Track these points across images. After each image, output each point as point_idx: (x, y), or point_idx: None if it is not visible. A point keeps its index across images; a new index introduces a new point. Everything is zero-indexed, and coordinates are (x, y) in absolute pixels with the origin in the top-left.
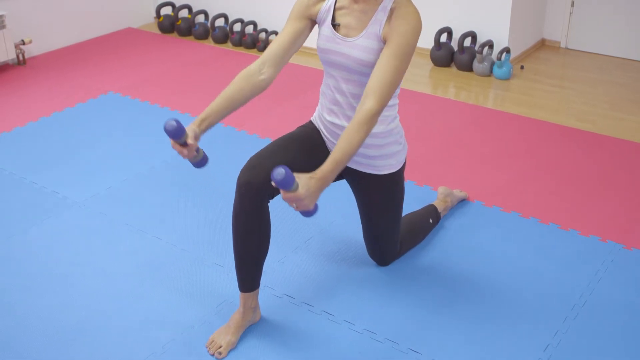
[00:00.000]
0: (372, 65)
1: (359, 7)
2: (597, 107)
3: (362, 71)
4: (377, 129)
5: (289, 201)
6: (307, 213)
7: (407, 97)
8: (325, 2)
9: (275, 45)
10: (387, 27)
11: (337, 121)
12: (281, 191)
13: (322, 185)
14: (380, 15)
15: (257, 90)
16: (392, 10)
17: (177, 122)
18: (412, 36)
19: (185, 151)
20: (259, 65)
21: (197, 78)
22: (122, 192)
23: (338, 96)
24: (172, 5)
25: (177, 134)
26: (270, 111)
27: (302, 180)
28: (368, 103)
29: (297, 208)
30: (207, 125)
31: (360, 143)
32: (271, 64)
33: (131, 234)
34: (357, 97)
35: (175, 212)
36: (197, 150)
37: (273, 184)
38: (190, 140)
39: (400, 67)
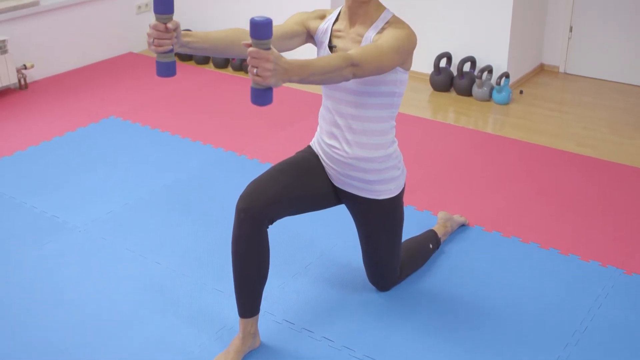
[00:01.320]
0: (369, 84)
1: (355, 31)
2: (596, 131)
3: (360, 90)
4: (376, 153)
5: (255, 58)
6: (261, 96)
7: (406, 122)
8: (324, 22)
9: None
10: (377, 36)
11: (336, 144)
12: (252, 41)
13: (288, 70)
14: (371, 34)
15: (242, 50)
16: (383, 28)
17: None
18: (402, 36)
19: (164, 35)
20: None
21: (198, 102)
22: (123, 216)
23: (337, 118)
24: None
25: (166, 5)
26: (270, 136)
27: (276, 52)
28: (351, 51)
29: (257, 74)
30: (189, 40)
31: (333, 68)
32: None
33: (131, 258)
34: (356, 118)
35: (176, 237)
36: (172, 50)
37: (250, 28)
38: (171, 25)
39: (383, 50)
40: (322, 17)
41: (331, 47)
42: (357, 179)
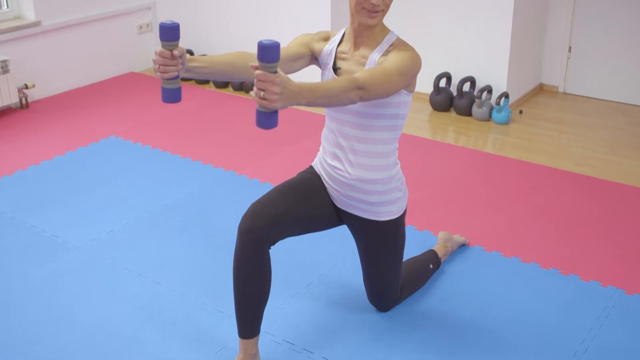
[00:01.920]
0: (373, 106)
1: (360, 53)
2: (596, 151)
3: (365, 112)
4: (379, 175)
5: (262, 81)
6: (267, 119)
7: (407, 142)
8: (328, 43)
9: None
10: (381, 59)
11: (339, 165)
12: (259, 64)
13: (296, 92)
14: (376, 56)
15: (247, 74)
16: (388, 51)
17: (176, 23)
18: (407, 58)
19: (170, 62)
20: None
21: (198, 122)
22: (123, 236)
23: (341, 139)
24: None
25: (172, 33)
26: (270, 156)
27: (283, 75)
28: (357, 74)
29: (264, 97)
30: (194, 65)
31: (340, 91)
32: None
33: (131, 278)
34: (360, 140)
35: (176, 257)
36: (177, 76)
37: (257, 51)
38: (177, 52)
39: (389, 73)
40: (327, 38)
41: (335, 69)
42: (359, 200)
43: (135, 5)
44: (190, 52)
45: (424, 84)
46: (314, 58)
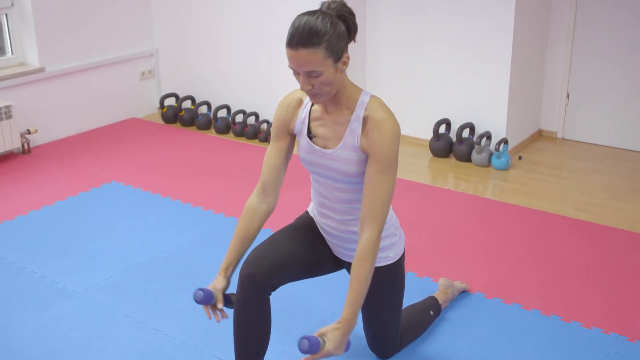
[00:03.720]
0: (355, 175)
1: (332, 118)
2: (595, 196)
3: (346, 180)
4: None
5: (323, 358)
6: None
7: (406, 188)
8: (300, 111)
9: (267, 171)
10: (364, 139)
11: (329, 222)
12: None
13: (348, 331)
14: (355, 126)
15: (264, 218)
16: (365, 120)
17: (204, 290)
18: (392, 144)
19: (217, 315)
20: (258, 197)
21: (200, 168)
22: (122, 282)
23: (326, 201)
24: (176, 96)
25: (207, 300)
26: None
27: (328, 335)
28: (366, 232)
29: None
30: (232, 270)
31: (370, 273)
32: (269, 191)
33: (130, 325)
34: (345, 201)
35: (175, 303)
36: (229, 299)
37: (301, 349)
38: (220, 305)
39: (388, 180)
40: (300, 102)
41: (311, 137)
42: (353, 250)
43: (138, 52)
44: (192, 99)
45: (424, 130)
46: (293, 135)
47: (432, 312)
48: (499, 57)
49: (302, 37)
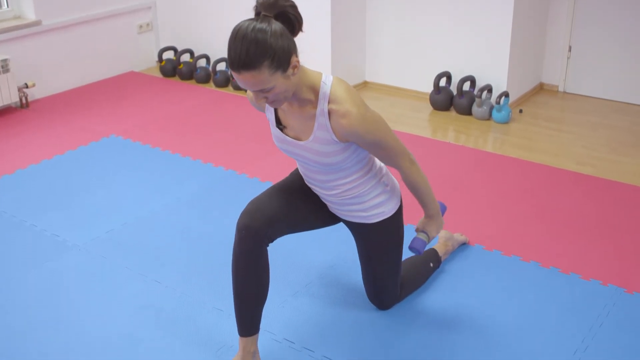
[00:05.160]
0: (336, 164)
1: (298, 111)
2: (596, 150)
3: (326, 169)
4: (357, 198)
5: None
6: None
7: (406, 141)
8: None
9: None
10: (338, 133)
11: (317, 191)
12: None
13: (438, 218)
14: (322, 120)
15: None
16: (330, 114)
17: None
18: (369, 126)
19: None
20: None
21: (198, 122)
22: (123, 235)
23: (309, 179)
24: (175, 49)
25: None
26: (269, 156)
27: (427, 228)
28: (400, 172)
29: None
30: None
31: (424, 180)
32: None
33: (131, 277)
34: (328, 181)
35: (175, 256)
36: None
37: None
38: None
39: (392, 146)
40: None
41: (281, 128)
42: (347, 210)
43: (135, 5)
44: (191, 52)
45: (424, 83)
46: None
47: (432, 264)
48: (501, 9)
49: (241, 61)
